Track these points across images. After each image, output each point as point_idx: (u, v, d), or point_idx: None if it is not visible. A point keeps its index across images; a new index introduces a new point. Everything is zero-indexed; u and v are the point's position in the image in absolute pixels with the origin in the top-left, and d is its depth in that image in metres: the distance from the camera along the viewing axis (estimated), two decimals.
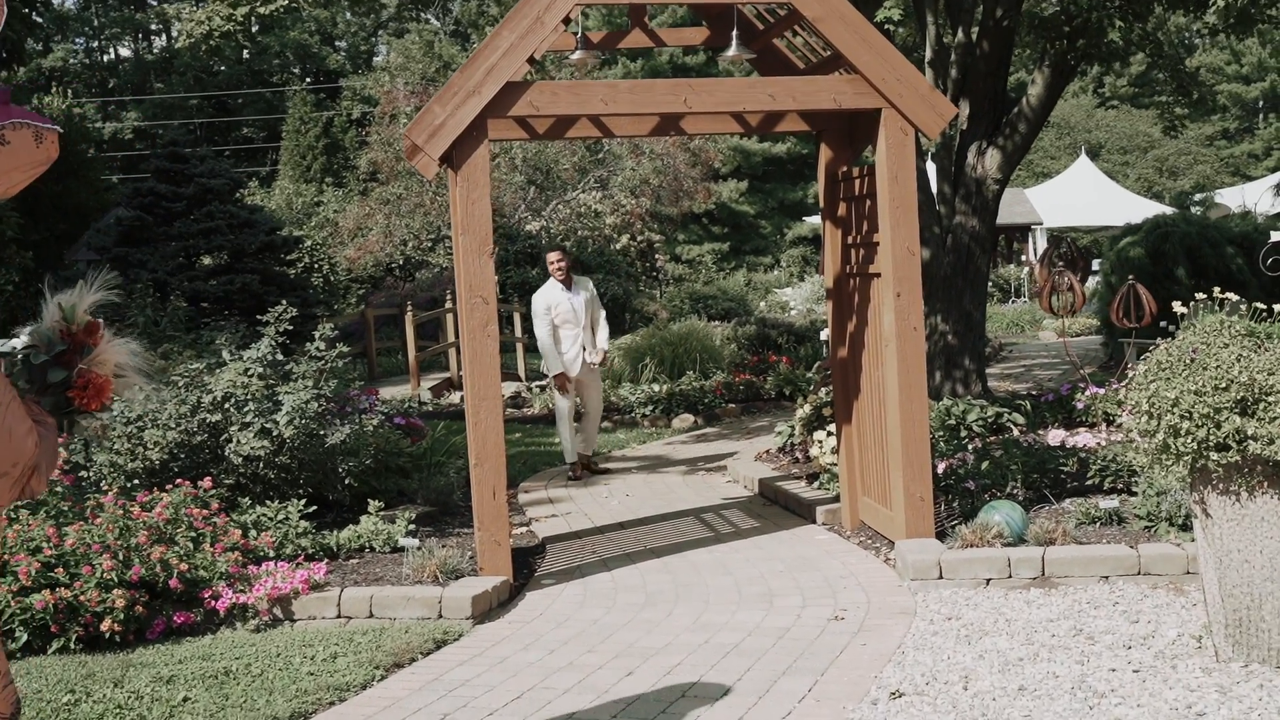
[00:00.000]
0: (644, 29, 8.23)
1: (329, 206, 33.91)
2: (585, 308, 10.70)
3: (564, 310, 10.65)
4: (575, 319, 10.66)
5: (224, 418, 8.01)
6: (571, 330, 10.70)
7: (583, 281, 10.91)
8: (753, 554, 7.80)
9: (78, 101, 46.51)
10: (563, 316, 10.65)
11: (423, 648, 6.10)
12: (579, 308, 10.66)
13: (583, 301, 10.71)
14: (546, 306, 10.62)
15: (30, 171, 3.14)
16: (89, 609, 6.15)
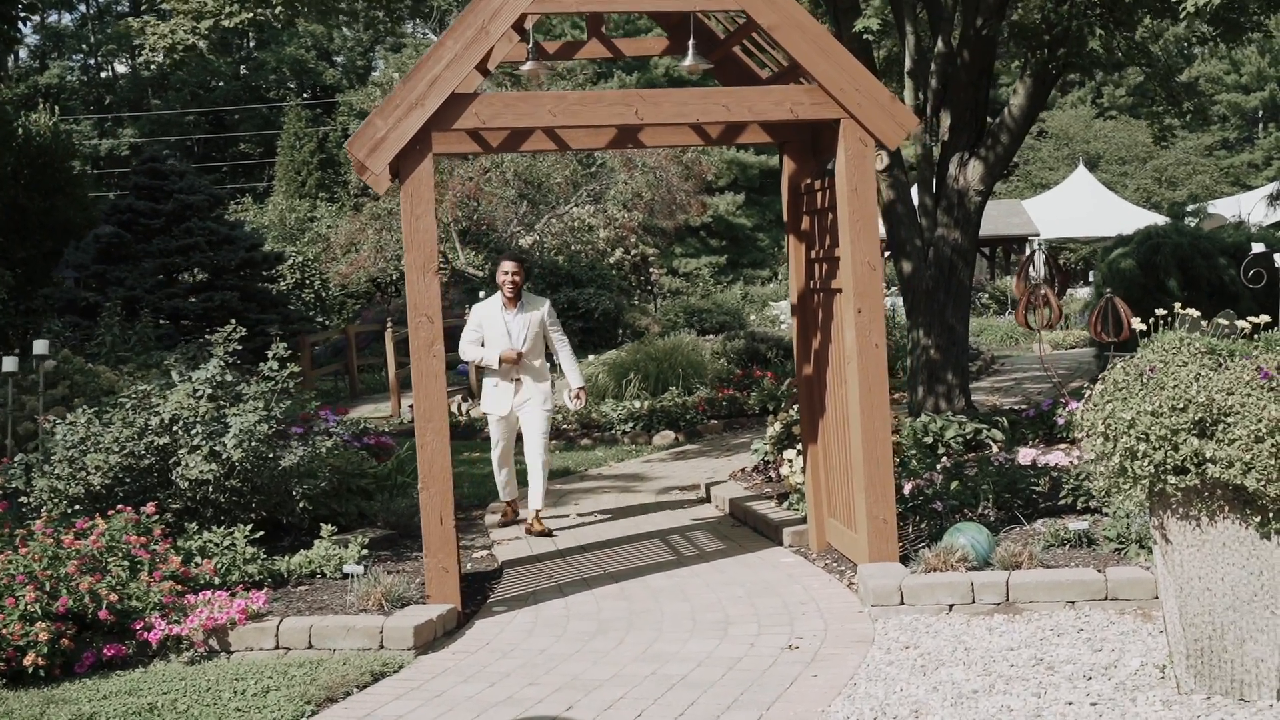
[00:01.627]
0: (601, 39, 8.02)
1: (323, 222, 33.75)
2: (524, 333, 9.07)
3: (494, 332, 9.10)
4: (509, 344, 9.05)
5: (172, 440, 7.79)
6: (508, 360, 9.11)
7: (535, 302, 9.26)
8: (713, 578, 7.57)
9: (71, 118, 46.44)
10: (493, 338, 9.11)
11: (359, 681, 5.87)
12: (515, 331, 9.06)
13: (523, 325, 9.08)
14: (477, 323, 9.25)
15: None
16: (11, 643, 5.92)
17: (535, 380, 9.19)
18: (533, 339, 9.11)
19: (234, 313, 19.33)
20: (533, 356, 9.15)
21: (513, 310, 9.13)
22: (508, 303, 9.13)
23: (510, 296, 9.12)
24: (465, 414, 16.53)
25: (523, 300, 9.16)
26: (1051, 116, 47.64)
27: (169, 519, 7.62)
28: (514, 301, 9.14)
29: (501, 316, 9.12)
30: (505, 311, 9.13)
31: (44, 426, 7.88)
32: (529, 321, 9.13)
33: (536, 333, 9.14)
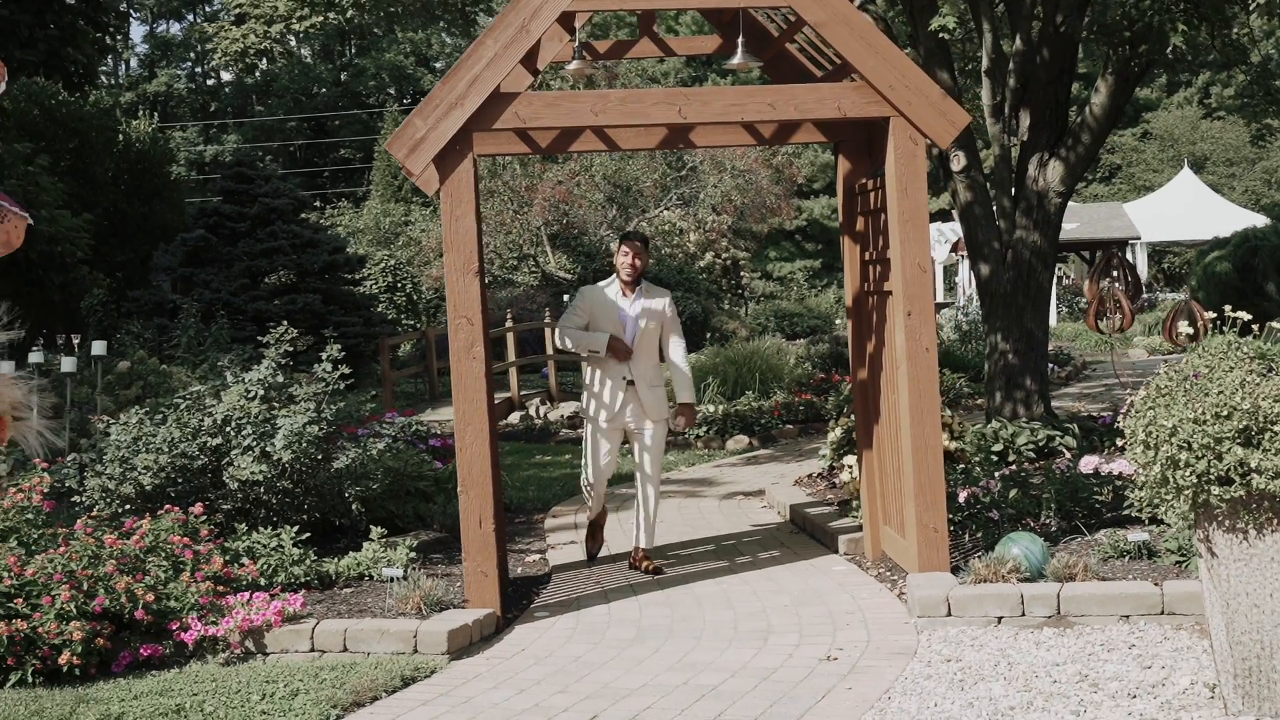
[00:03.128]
0: (653, 38, 7.92)
1: (416, 226, 34.05)
2: (645, 325, 7.71)
3: (606, 320, 7.71)
4: (621, 336, 7.69)
5: (225, 441, 7.84)
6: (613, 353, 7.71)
7: (657, 292, 7.89)
8: (762, 586, 7.42)
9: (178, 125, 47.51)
10: (604, 328, 7.71)
11: (388, 685, 5.82)
12: (635, 322, 7.70)
13: (640, 316, 7.71)
14: (586, 307, 7.79)
15: None
16: (47, 641, 5.97)
17: (650, 386, 7.77)
18: (649, 335, 7.76)
19: (317, 315, 19.57)
20: (647, 355, 7.77)
21: (630, 297, 7.77)
22: (625, 288, 7.81)
23: (628, 281, 7.78)
24: (542, 417, 16.53)
25: (642, 288, 7.81)
26: (1156, 117, 46.53)
27: (220, 520, 7.66)
28: (632, 287, 7.81)
29: (616, 303, 7.76)
30: (620, 297, 7.80)
31: (98, 426, 7.96)
32: (648, 313, 7.75)
33: (655, 329, 7.78)
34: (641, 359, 7.71)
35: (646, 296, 7.78)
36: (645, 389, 7.71)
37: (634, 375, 7.69)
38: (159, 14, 60.02)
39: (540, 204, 27.95)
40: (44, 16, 17.96)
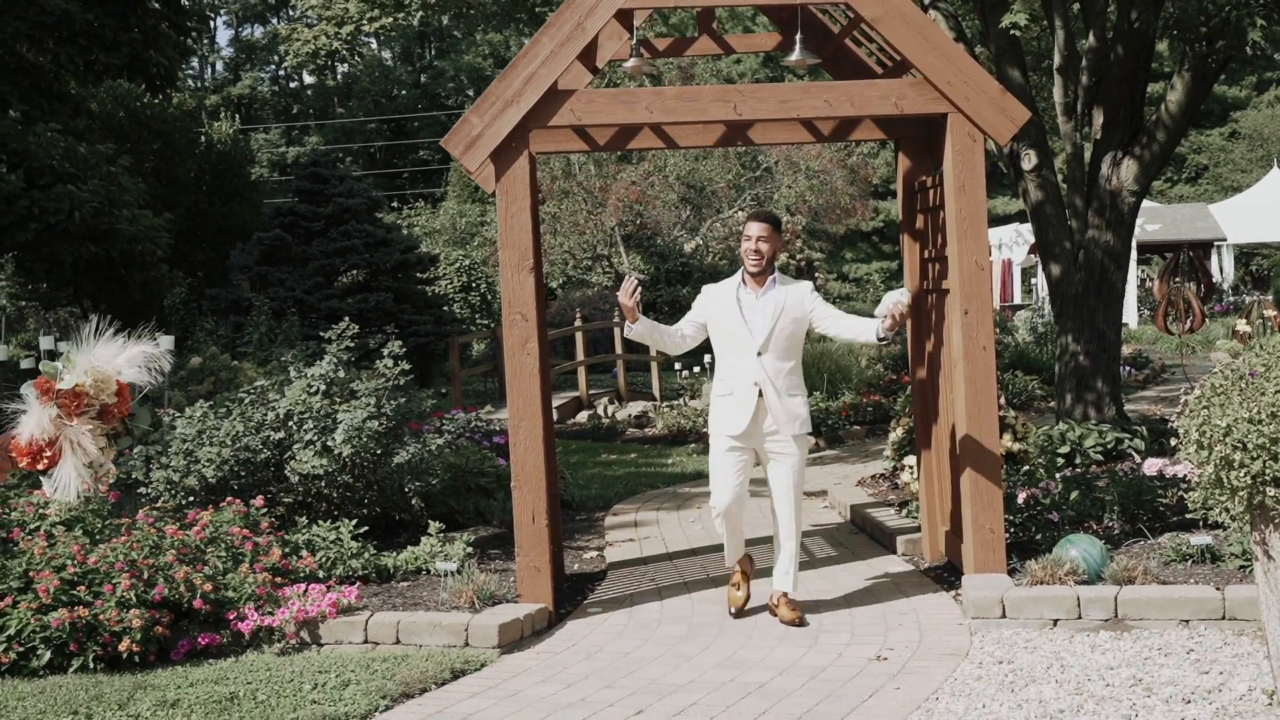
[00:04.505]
0: (712, 35, 7.91)
1: (491, 226, 34.26)
2: (770, 324, 6.45)
3: (725, 320, 6.54)
4: (747, 337, 6.48)
5: (287, 435, 7.94)
6: (738, 357, 6.48)
7: (791, 284, 6.60)
8: (816, 585, 7.38)
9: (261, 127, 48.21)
10: (726, 329, 6.55)
11: (438, 677, 5.87)
12: (756, 320, 6.47)
13: (768, 312, 6.46)
14: (702, 306, 6.67)
15: None
16: (108, 628, 6.09)
17: (786, 394, 6.49)
18: (783, 334, 6.47)
19: (389, 314, 19.77)
20: (781, 358, 6.47)
21: (756, 290, 6.53)
22: (750, 280, 6.56)
23: (754, 271, 6.53)
24: (610, 416, 16.56)
25: (773, 279, 6.56)
26: (1245, 116, 45.61)
27: (281, 512, 7.77)
28: (759, 279, 6.54)
29: (737, 298, 6.54)
30: (745, 291, 6.56)
31: (165, 420, 8.11)
32: (779, 308, 6.46)
33: (790, 328, 6.48)
34: (773, 361, 6.44)
35: (777, 291, 6.52)
36: (776, 398, 6.43)
37: (762, 379, 6.43)
38: (243, 18, 60.99)
39: (614, 204, 27.99)
40: (128, 20, 18.29)
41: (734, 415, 6.49)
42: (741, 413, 6.47)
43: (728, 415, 6.53)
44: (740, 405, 6.48)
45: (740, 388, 6.48)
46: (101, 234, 17.70)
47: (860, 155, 30.42)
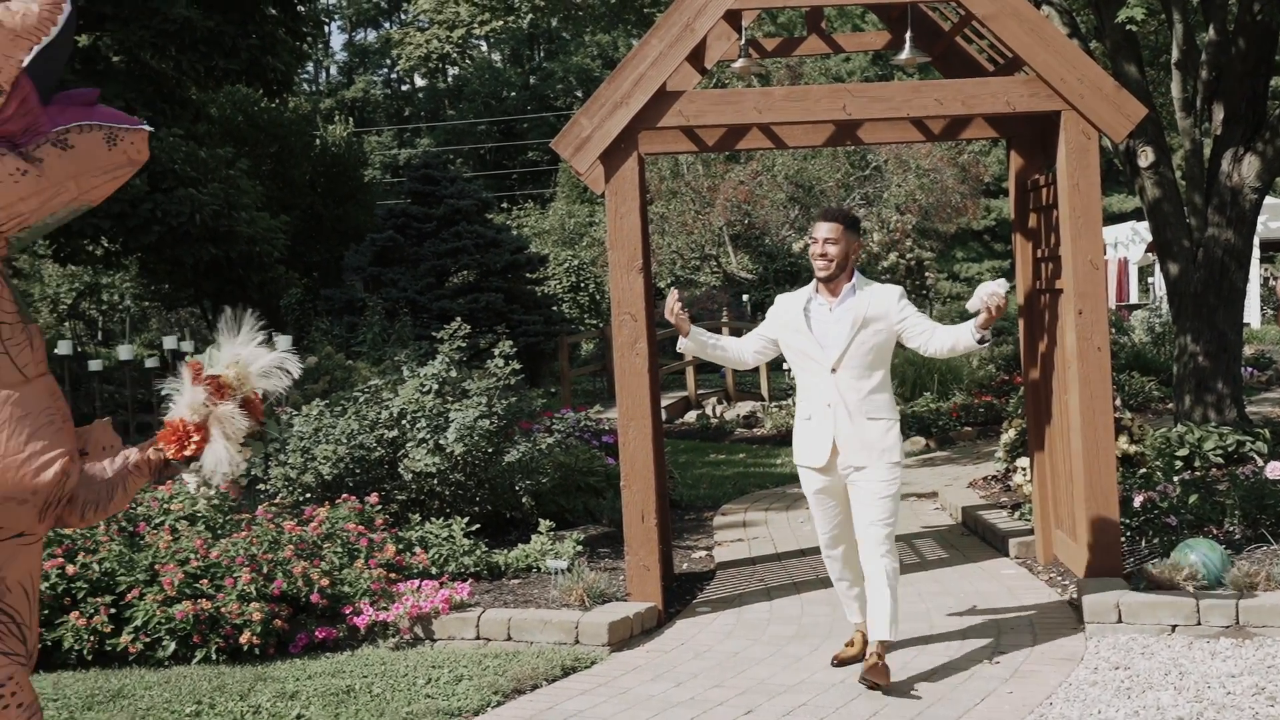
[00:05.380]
0: (821, 34, 7.88)
1: (600, 226, 34.45)
2: (846, 337, 5.59)
3: (795, 334, 5.75)
4: (818, 353, 5.66)
5: (400, 433, 8.08)
6: (812, 375, 5.71)
7: (873, 291, 5.73)
8: (927, 588, 7.32)
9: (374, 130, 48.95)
10: (795, 344, 5.76)
11: (549, 674, 5.94)
12: (828, 333, 5.65)
13: (844, 324, 5.61)
14: (775, 317, 5.90)
15: (110, 175, 3.12)
16: (229, 621, 6.26)
17: (865, 418, 5.62)
18: (862, 348, 5.61)
19: (499, 314, 19.97)
20: (860, 375, 5.62)
21: (831, 300, 5.71)
22: (824, 288, 5.75)
23: (823, 277, 5.70)
24: (718, 416, 16.57)
25: (852, 285, 5.70)
26: None
27: (394, 509, 7.91)
28: (833, 287, 5.71)
29: (806, 309, 5.74)
30: (817, 301, 5.75)
31: (282, 418, 8.31)
32: (857, 318, 5.61)
33: (871, 340, 5.61)
34: (851, 379, 5.60)
35: (855, 299, 5.67)
36: (849, 422, 5.60)
37: (835, 401, 5.63)
38: (357, 22, 62.01)
39: (722, 204, 27.95)
40: (247, 27, 18.75)
41: (810, 443, 5.74)
42: (818, 440, 5.69)
43: (804, 443, 5.78)
44: (816, 432, 5.70)
45: (816, 411, 5.69)
46: (221, 236, 18.14)
47: (972, 153, 30.04)
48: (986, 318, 5.44)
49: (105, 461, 3.32)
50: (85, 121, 3.09)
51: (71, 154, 3.06)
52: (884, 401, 5.69)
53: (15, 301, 3.13)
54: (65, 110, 3.10)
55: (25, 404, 3.06)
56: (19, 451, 3.03)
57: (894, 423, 5.70)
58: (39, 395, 3.11)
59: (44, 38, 2.98)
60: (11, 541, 3.11)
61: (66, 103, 3.12)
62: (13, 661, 3.14)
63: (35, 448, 3.06)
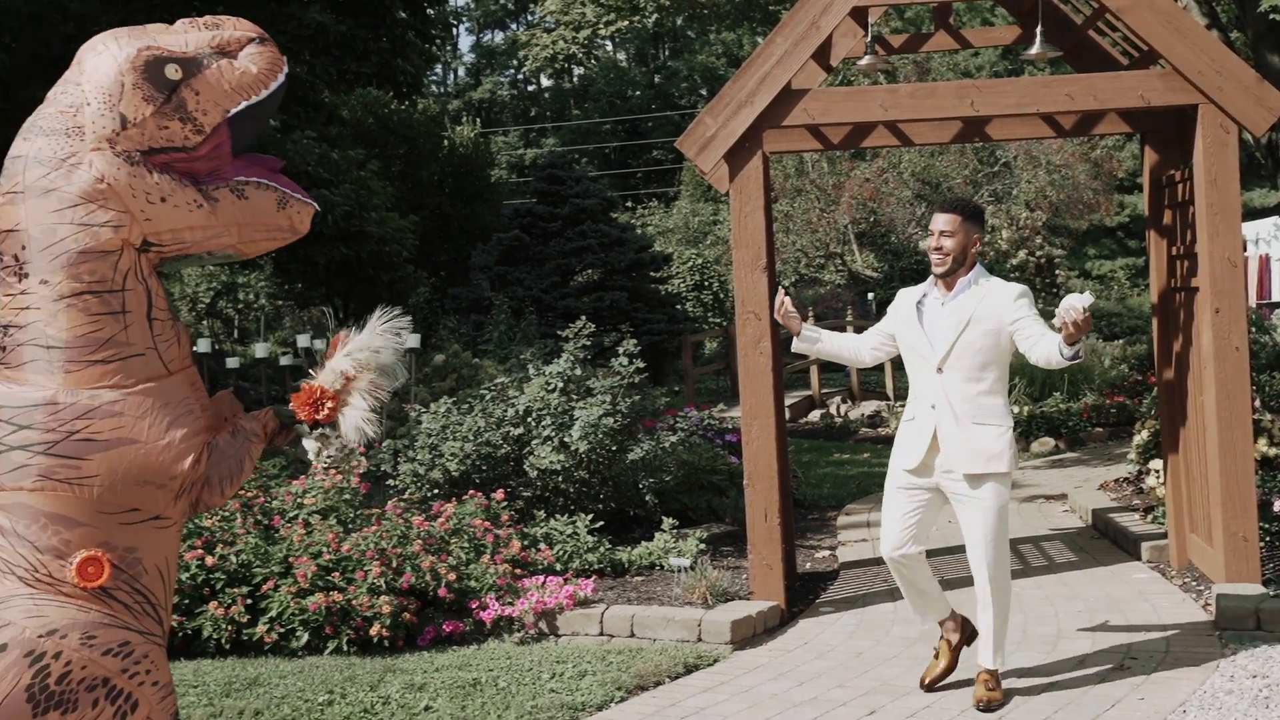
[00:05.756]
0: (948, 30, 7.79)
1: (724, 225, 34.40)
2: (953, 335, 5.28)
3: (906, 331, 5.50)
4: (927, 350, 5.38)
5: (526, 431, 8.18)
6: (919, 374, 5.46)
7: (990, 287, 5.35)
8: (1056, 591, 7.20)
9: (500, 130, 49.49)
10: (906, 340, 5.51)
11: (671, 671, 5.97)
12: (938, 331, 5.35)
13: (953, 322, 5.30)
14: (892, 312, 5.63)
15: (270, 235, 3.36)
16: (359, 613, 6.39)
17: (971, 422, 5.27)
18: (970, 348, 5.26)
19: (623, 312, 20.07)
20: (968, 377, 5.27)
21: (944, 295, 5.39)
22: (940, 283, 5.43)
23: (939, 272, 5.39)
24: (842, 415, 16.46)
25: (968, 280, 5.36)
26: None
27: (520, 506, 8.01)
28: (948, 281, 5.39)
29: (918, 304, 5.47)
30: (932, 296, 5.45)
31: (411, 415, 8.46)
32: (967, 316, 5.28)
33: (981, 340, 5.25)
34: (958, 380, 5.27)
35: (970, 293, 5.34)
36: (955, 425, 5.27)
37: (940, 402, 5.32)
38: (484, 24, 62.76)
39: (847, 202, 27.74)
40: (378, 31, 19.11)
41: (908, 446, 5.46)
42: (915, 443, 5.40)
43: (902, 445, 5.51)
44: (916, 434, 5.41)
45: (920, 412, 5.41)
46: (352, 236, 18.49)
47: (1105, 148, 29.39)
48: (1069, 333, 4.92)
49: (225, 434, 3.46)
50: (264, 180, 3.34)
51: (244, 204, 3.30)
52: (995, 406, 5.31)
53: (166, 301, 3.36)
54: (250, 166, 3.35)
55: (167, 394, 3.27)
56: (160, 438, 3.23)
57: (1005, 429, 5.29)
58: (180, 386, 3.32)
59: (254, 96, 3.29)
60: (149, 524, 3.28)
61: (253, 161, 3.37)
62: (149, 641, 3.28)
63: (175, 435, 3.25)
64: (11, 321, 3.22)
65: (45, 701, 3.03)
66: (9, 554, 3.14)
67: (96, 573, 3.16)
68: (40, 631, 3.07)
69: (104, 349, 3.20)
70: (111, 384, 3.20)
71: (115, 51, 3.23)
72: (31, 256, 3.19)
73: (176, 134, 3.22)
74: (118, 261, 3.22)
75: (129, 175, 3.19)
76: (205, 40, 3.29)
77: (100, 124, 3.19)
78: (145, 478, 3.21)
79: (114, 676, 3.14)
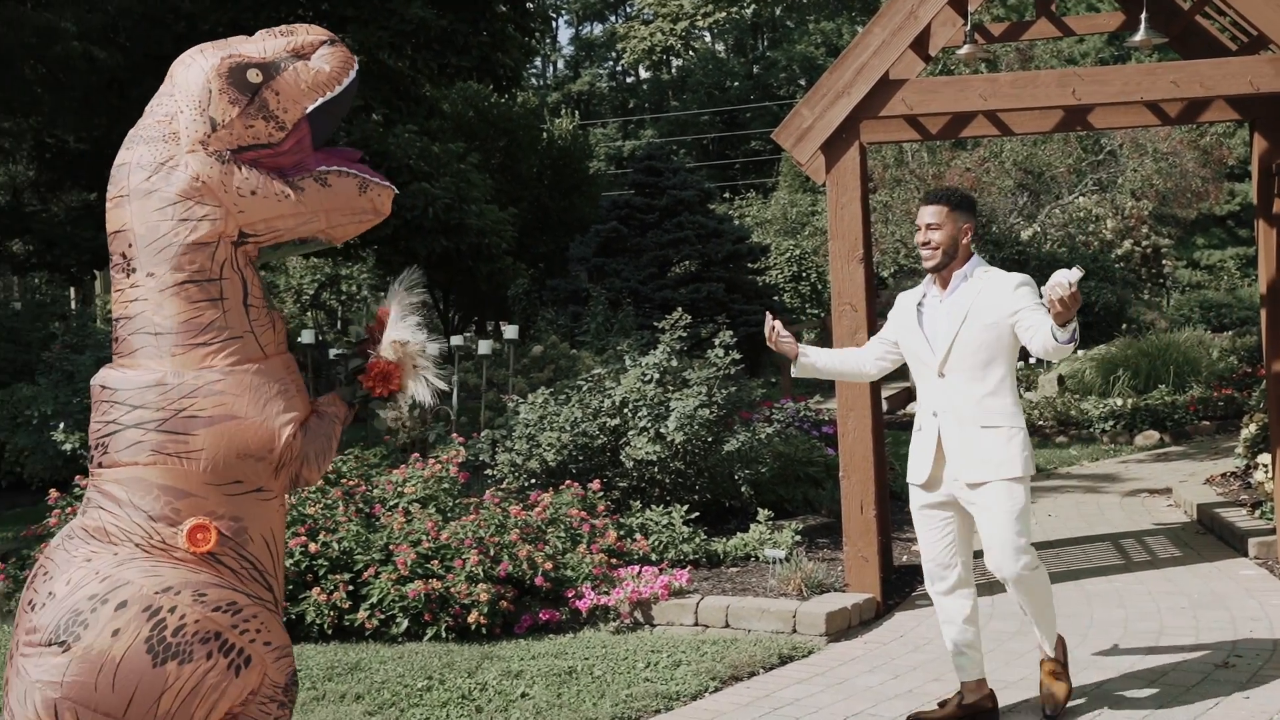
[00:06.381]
0: (1050, 17, 7.68)
1: (822, 216, 34.23)
2: (951, 333, 4.90)
3: (905, 334, 5.13)
4: (927, 354, 4.99)
5: (622, 422, 8.23)
6: (922, 380, 5.07)
7: (988, 279, 4.91)
8: (1159, 586, 7.09)
9: (599, 122, 49.68)
10: (907, 345, 5.12)
11: (766, 662, 5.98)
12: (935, 329, 4.98)
13: (950, 319, 4.91)
14: (890, 319, 5.28)
15: (355, 218, 3.60)
16: (458, 600, 6.49)
17: (976, 427, 4.89)
18: (970, 346, 4.88)
19: (720, 303, 20.08)
20: (972, 378, 4.89)
21: (942, 293, 5.01)
22: (937, 281, 5.04)
23: (929, 267, 5.01)
24: None
25: (964, 274, 4.95)
26: None
27: (616, 496, 8.06)
28: (944, 277, 5.00)
29: (919, 305, 5.10)
30: (931, 295, 5.07)
31: (509, 405, 8.55)
32: (964, 312, 4.88)
33: (981, 336, 4.86)
34: (962, 383, 4.90)
35: (969, 287, 4.93)
36: (959, 431, 4.91)
37: (942, 408, 4.97)
38: (583, 17, 63.02)
39: None
40: (478, 25, 19.34)
41: (915, 458, 5.12)
42: (921, 455, 5.06)
43: (911, 457, 5.16)
44: (921, 445, 5.07)
45: (925, 420, 5.04)
46: (452, 228, 18.73)
47: (1214, 135, 28.77)
48: (1056, 312, 4.44)
49: (313, 417, 3.68)
50: (345, 168, 3.57)
51: (328, 191, 3.54)
52: (1001, 407, 4.88)
53: (261, 289, 3.59)
54: (330, 157, 3.59)
55: (266, 375, 3.51)
56: (258, 415, 3.45)
57: (1015, 431, 4.89)
58: (277, 369, 3.56)
59: (329, 93, 3.52)
60: (251, 495, 3.49)
61: (333, 153, 3.61)
62: (258, 604, 3.47)
63: (272, 411, 3.48)
64: (123, 314, 3.49)
65: (163, 653, 3.25)
66: (125, 523, 3.39)
67: (205, 539, 3.39)
68: (156, 589, 3.30)
69: (205, 332, 3.44)
70: (214, 364, 3.44)
71: (202, 63, 3.49)
72: (138, 253, 3.45)
73: (261, 132, 3.46)
74: (215, 253, 3.46)
75: (221, 173, 3.43)
76: (281, 46, 3.53)
77: (193, 128, 3.44)
78: (246, 451, 3.43)
79: (225, 631, 3.34)
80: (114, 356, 3.52)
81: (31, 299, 16.02)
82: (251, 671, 3.38)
